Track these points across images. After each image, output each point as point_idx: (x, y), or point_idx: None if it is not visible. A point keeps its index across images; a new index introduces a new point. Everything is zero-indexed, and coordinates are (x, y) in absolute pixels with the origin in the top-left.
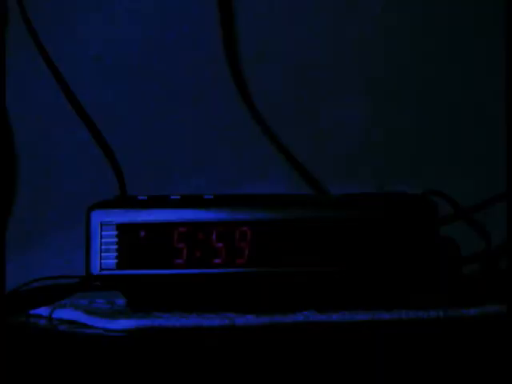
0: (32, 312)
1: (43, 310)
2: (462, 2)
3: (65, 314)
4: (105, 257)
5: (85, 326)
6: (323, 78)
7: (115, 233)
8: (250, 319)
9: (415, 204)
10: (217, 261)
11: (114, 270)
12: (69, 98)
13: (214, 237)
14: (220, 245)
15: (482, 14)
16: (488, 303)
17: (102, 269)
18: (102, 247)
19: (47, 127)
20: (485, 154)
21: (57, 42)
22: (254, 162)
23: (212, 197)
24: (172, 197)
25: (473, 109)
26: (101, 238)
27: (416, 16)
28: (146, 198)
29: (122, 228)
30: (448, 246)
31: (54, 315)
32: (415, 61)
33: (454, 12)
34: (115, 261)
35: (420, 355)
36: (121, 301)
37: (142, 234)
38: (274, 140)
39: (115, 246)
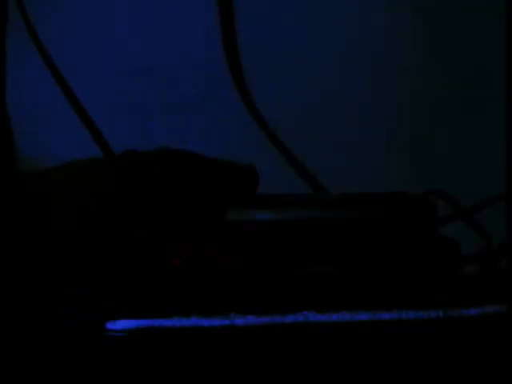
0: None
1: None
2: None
3: None
4: None
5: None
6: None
7: None
8: (250, 319)
9: (415, 204)
10: (216, 261)
11: None
12: (69, 98)
13: (214, 237)
14: (220, 245)
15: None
16: (488, 303)
17: None
18: None
19: (47, 128)
20: (485, 154)
21: (57, 41)
22: (255, 163)
23: None
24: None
25: (473, 108)
26: None
27: (418, 15)
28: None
29: None
30: (448, 245)
31: None
32: (415, 59)
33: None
34: None
35: (420, 355)
36: None
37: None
38: (275, 140)
39: None
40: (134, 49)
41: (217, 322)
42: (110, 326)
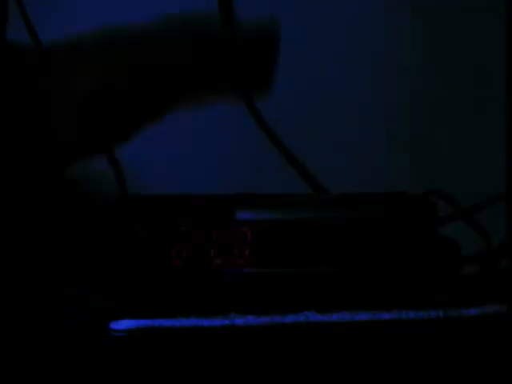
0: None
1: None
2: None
3: None
4: None
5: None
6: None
7: None
8: (250, 319)
9: (415, 204)
10: (217, 261)
11: None
12: None
13: (214, 237)
14: (220, 245)
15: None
16: (488, 303)
17: None
18: None
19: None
20: (485, 154)
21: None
22: (256, 163)
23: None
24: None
25: (473, 108)
26: None
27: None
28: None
29: None
30: (448, 245)
31: None
32: (415, 60)
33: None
34: None
35: (420, 355)
36: None
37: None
38: (275, 140)
39: None
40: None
41: (217, 321)
42: (111, 326)
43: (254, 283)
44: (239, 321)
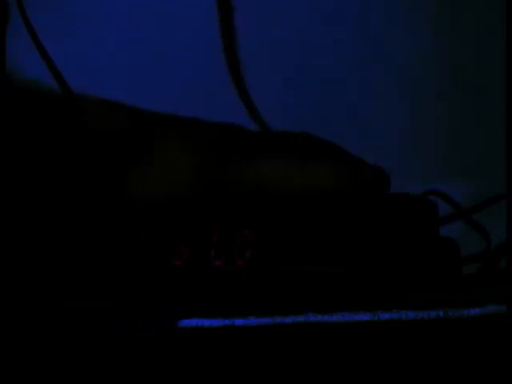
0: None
1: None
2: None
3: None
4: None
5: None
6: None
7: None
8: (251, 319)
9: (415, 204)
10: (217, 261)
11: None
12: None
13: (214, 237)
14: (220, 245)
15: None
16: (488, 303)
17: None
18: None
19: None
20: (485, 154)
21: (57, 41)
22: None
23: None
24: None
25: (473, 108)
26: None
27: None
28: None
29: None
30: (448, 245)
31: None
32: (415, 58)
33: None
34: None
35: (420, 355)
36: None
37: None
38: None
39: None
40: (135, 50)
41: (217, 322)
42: (111, 326)
43: (254, 284)
44: (239, 321)
